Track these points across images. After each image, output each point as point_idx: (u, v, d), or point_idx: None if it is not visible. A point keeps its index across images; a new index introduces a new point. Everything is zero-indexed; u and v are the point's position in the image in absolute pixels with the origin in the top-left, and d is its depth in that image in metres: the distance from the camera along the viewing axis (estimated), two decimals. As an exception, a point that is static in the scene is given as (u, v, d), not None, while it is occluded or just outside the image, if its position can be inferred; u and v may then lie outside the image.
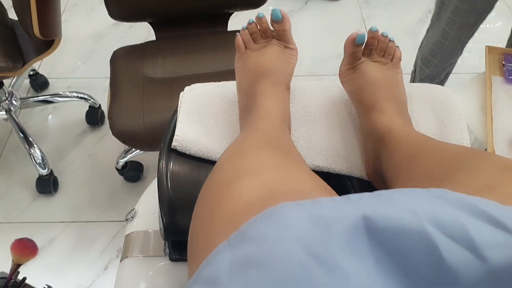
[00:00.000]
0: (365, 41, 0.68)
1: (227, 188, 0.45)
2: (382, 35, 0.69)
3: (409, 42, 2.15)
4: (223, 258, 0.34)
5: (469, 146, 0.71)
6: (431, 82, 1.54)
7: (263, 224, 0.34)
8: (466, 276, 0.28)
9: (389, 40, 0.71)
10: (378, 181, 0.67)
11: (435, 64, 1.47)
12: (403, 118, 0.67)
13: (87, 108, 1.82)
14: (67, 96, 1.85)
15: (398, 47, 0.72)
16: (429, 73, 1.52)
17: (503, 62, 1.23)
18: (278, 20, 0.70)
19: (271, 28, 0.72)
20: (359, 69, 0.70)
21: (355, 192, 0.71)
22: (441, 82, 1.57)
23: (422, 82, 1.57)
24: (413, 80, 1.65)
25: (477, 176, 0.45)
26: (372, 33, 0.68)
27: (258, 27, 0.73)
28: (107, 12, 1.37)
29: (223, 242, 0.36)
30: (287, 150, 0.57)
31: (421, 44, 1.55)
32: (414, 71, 1.63)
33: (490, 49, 1.23)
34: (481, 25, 1.33)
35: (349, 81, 0.72)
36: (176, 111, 0.79)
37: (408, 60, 2.07)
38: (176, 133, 0.73)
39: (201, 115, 0.76)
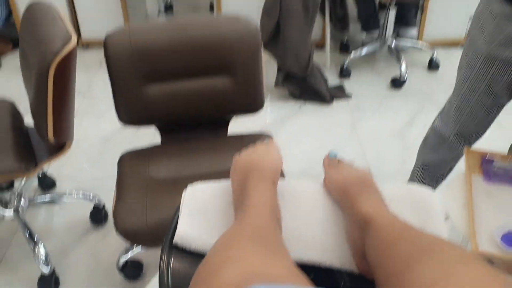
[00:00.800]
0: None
1: (212, 276, 0.51)
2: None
3: (396, 143, 2.26)
4: None
5: None
6: (436, 172, 1.65)
7: None
8: None
9: None
10: (367, 269, 0.71)
11: (442, 152, 1.57)
12: (385, 207, 0.74)
13: (92, 207, 1.88)
14: (73, 196, 1.93)
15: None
16: (436, 160, 1.62)
17: (481, 164, 1.31)
18: None
19: None
20: (340, 168, 0.82)
21: (345, 285, 0.76)
22: (445, 175, 1.67)
23: (426, 168, 1.66)
24: (415, 171, 1.74)
25: (437, 266, 0.51)
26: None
27: None
28: (115, 116, 1.49)
29: None
30: (270, 240, 0.63)
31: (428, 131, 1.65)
32: (418, 159, 1.72)
33: (468, 152, 1.32)
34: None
35: (333, 183, 0.82)
36: (178, 208, 0.84)
37: (397, 161, 2.18)
38: (178, 229, 0.77)
39: (202, 212, 0.81)
